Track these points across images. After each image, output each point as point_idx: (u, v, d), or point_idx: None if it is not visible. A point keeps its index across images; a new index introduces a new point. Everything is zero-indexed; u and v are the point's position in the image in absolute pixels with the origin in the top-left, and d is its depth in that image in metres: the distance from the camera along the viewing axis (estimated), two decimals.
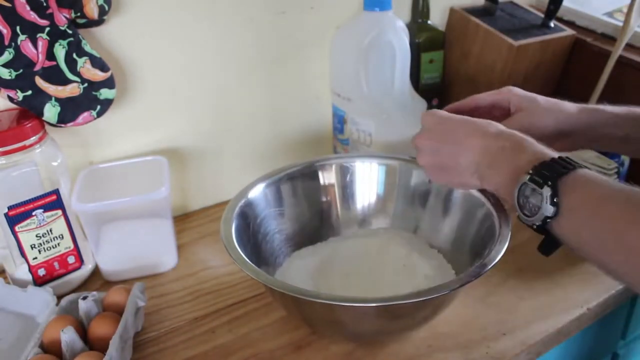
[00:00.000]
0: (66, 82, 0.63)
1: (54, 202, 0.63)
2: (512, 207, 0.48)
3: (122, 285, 0.62)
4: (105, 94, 0.66)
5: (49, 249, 0.64)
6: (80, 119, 0.65)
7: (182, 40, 0.73)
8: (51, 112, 0.63)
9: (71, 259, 0.66)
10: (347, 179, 0.70)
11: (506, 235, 0.54)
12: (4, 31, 0.59)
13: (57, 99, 0.63)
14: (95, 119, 0.66)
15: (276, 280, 0.55)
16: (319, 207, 0.70)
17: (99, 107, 0.66)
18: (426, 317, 0.55)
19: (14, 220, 0.61)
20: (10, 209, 0.60)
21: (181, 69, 0.75)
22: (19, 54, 0.60)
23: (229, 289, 0.66)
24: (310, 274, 0.63)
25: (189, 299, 0.65)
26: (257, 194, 0.65)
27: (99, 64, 0.65)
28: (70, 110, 0.64)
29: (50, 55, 0.62)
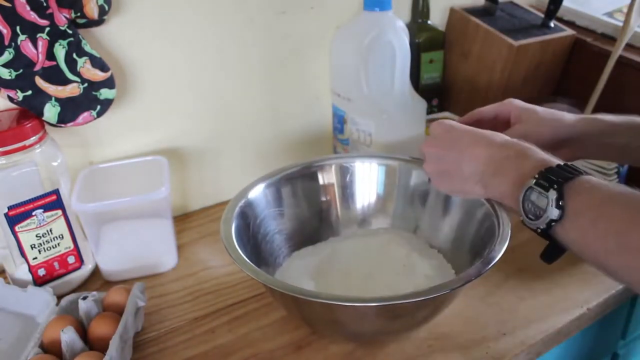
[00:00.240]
0: (66, 82, 0.63)
1: (54, 202, 0.63)
2: (517, 214, 0.48)
3: (122, 285, 0.62)
4: (105, 94, 0.66)
5: (49, 249, 0.64)
6: (80, 119, 0.65)
7: (182, 40, 0.73)
8: (51, 112, 0.63)
9: (71, 259, 0.66)
10: (347, 179, 0.70)
11: (506, 235, 0.54)
12: (4, 31, 0.59)
13: (57, 99, 0.63)
14: (95, 119, 0.66)
15: (276, 280, 0.55)
16: (319, 207, 0.70)
17: (99, 107, 0.66)
18: (426, 317, 0.55)
19: (14, 220, 0.61)
20: (10, 209, 0.60)
21: (181, 69, 0.75)
22: (19, 54, 0.60)
23: (229, 289, 0.66)
24: (310, 274, 0.63)
25: (189, 299, 0.65)
26: (257, 194, 0.65)
27: (99, 64, 0.65)
28: (70, 110, 0.64)
29: (50, 55, 0.62)
